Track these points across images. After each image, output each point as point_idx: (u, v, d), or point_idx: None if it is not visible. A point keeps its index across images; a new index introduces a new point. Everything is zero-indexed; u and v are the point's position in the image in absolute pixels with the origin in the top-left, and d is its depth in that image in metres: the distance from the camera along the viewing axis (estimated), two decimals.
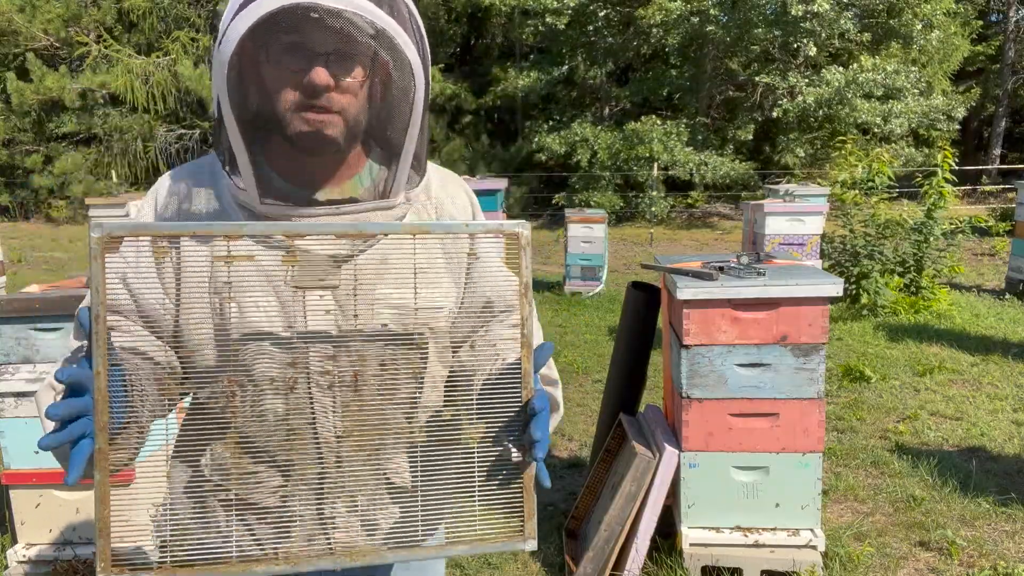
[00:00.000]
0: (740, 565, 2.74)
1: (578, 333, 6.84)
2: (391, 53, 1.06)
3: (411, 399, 1.13)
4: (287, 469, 1.10)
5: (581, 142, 15.66)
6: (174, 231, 0.96)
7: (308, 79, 1.04)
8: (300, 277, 1.09)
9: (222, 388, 1.06)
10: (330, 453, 1.10)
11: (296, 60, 1.05)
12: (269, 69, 1.07)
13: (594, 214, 8.46)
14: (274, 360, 1.08)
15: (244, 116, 1.06)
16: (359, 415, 1.08)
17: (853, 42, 15.65)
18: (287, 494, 1.10)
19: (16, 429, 2.79)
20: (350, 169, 1.17)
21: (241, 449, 1.09)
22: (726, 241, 13.51)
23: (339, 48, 1.05)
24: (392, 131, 1.12)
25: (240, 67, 1.05)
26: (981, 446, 4.06)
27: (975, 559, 2.98)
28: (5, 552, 2.96)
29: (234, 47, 1.02)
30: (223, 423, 1.06)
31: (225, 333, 1.08)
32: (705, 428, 2.74)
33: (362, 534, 1.12)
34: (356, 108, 1.09)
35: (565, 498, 3.60)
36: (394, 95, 1.11)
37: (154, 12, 16.49)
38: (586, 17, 16.46)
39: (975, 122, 20.97)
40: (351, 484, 1.10)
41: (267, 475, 1.10)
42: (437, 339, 1.19)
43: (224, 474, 1.10)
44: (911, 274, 7.25)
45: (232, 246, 1.01)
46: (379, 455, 1.10)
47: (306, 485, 1.10)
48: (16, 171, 17.46)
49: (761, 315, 2.68)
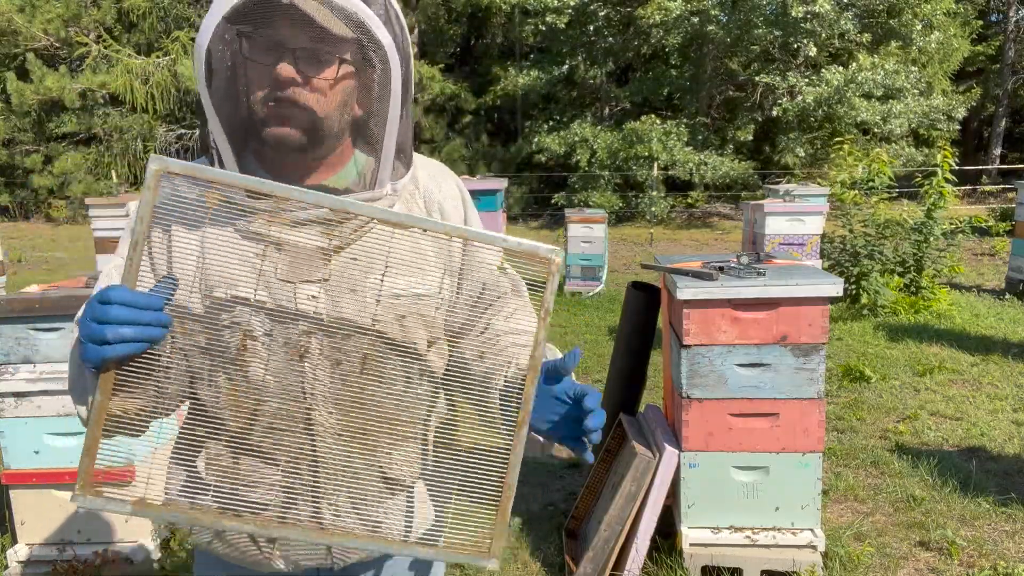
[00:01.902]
0: (740, 565, 2.74)
1: (578, 333, 6.83)
2: (365, 46, 1.05)
3: (405, 387, 1.13)
4: (276, 440, 1.09)
5: (581, 142, 15.66)
6: (228, 180, 0.96)
7: (273, 75, 1.04)
8: (289, 271, 1.09)
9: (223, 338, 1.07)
10: (320, 431, 1.10)
11: (264, 55, 1.04)
12: (240, 63, 1.06)
13: (594, 214, 8.46)
14: (265, 327, 1.09)
15: (221, 111, 1.06)
16: (349, 396, 1.08)
17: (853, 42, 15.64)
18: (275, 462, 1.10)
19: (16, 429, 2.79)
20: (338, 162, 1.17)
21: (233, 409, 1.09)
22: (726, 241, 13.51)
23: (308, 43, 1.04)
24: (373, 124, 1.12)
25: (211, 60, 1.05)
26: (981, 446, 4.06)
27: (975, 559, 2.98)
28: (5, 552, 2.96)
29: (207, 39, 1.02)
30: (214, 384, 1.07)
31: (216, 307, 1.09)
32: (705, 428, 2.74)
33: (331, 514, 1.12)
34: (325, 104, 1.07)
35: (565, 498, 3.60)
36: (371, 88, 1.10)
37: (154, 12, 16.49)
38: (586, 17, 16.46)
39: (975, 122, 20.97)
40: (337, 464, 1.10)
41: (258, 438, 1.09)
42: (431, 329, 1.19)
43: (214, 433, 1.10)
44: (911, 274, 7.25)
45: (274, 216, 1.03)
46: (367, 441, 1.10)
47: (294, 459, 1.10)
48: (16, 171, 17.46)
49: (761, 315, 2.68)
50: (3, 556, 2.97)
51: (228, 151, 1.07)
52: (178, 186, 1.03)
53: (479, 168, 16.54)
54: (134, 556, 2.88)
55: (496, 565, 1.02)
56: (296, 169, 1.13)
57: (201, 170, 0.95)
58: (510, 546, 3.19)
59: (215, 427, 1.09)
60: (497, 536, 1.02)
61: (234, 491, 1.06)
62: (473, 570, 3.00)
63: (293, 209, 1.07)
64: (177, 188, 1.04)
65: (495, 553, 1.02)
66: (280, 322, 1.08)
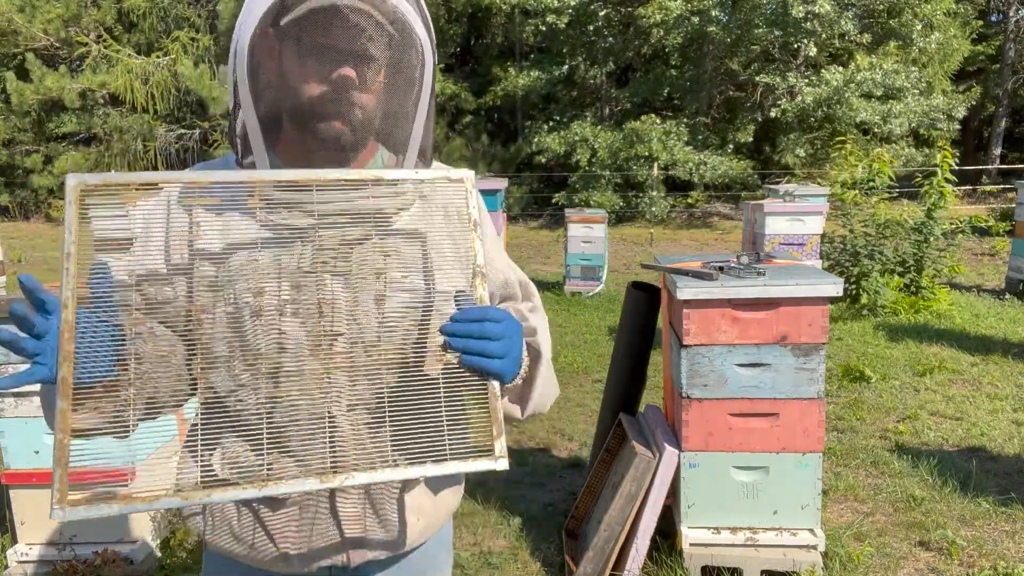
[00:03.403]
0: (740, 565, 2.74)
1: (578, 333, 6.84)
2: (410, 47, 1.10)
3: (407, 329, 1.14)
4: (282, 381, 1.07)
5: (581, 142, 15.65)
6: (149, 179, 1.02)
7: (333, 77, 1.07)
8: (312, 262, 1.11)
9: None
10: (329, 367, 1.08)
11: (322, 57, 1.07)
12: (293, 60, 1.08)
13: (594, 214, 8.46)
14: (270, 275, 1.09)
15: (262, 102, 1.08)
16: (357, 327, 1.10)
17: (853, 42, 15.64)
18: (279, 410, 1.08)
19: (16, 429, 2.79)
20: (363, 158, 1.19)
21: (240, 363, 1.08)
22: (726, 241, 13.51)
23: (365, 48, 1.07)
24: (403, 121, 1.15)
25: (254, 56, 1.07)
26: (981, 446, 4.06)
27: (975, 559, 2.98)
28: (5, 552, 2.96)
29: (254, 28, 1.04)
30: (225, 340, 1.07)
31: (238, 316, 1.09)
32: (705, 428, 2.74)
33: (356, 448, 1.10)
34: (374, 104, 1.11)
35: (565, 498, 3.60)
36: (409, 88, 1.13)
37: (154, 12, 16.48)
38: (586, 17, 16.45)
39: (975, 122, 20.95)
40: (346, 399, 1.09)
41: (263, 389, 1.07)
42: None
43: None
44: (911, 274, 7.25)
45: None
46: (377, 381, 1.09)
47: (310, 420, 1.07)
48: (16, 171, 17.46)
49: (761, 315, 2.68)
50: (3, 556, 2.98)
51: (260, 141, 1.08)
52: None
53: (479, 168, 16.52)
54: (134, 556, 2.88)
55: (505, 464, 1.03)
56: (328, 166, 1.14)
57: (115, 178, 1.00)
58: (510, 545, 3.19)
59: (230, 417, 1.07)
60: (497, 437, 1.03)
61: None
62: (473, 569, 3.00)
63: (314, 201, 1.08)
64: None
65: (501, 453, 1.03)
66: (296, 287, 1.08)
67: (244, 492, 0.96)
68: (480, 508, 3.51)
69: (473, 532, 3.31)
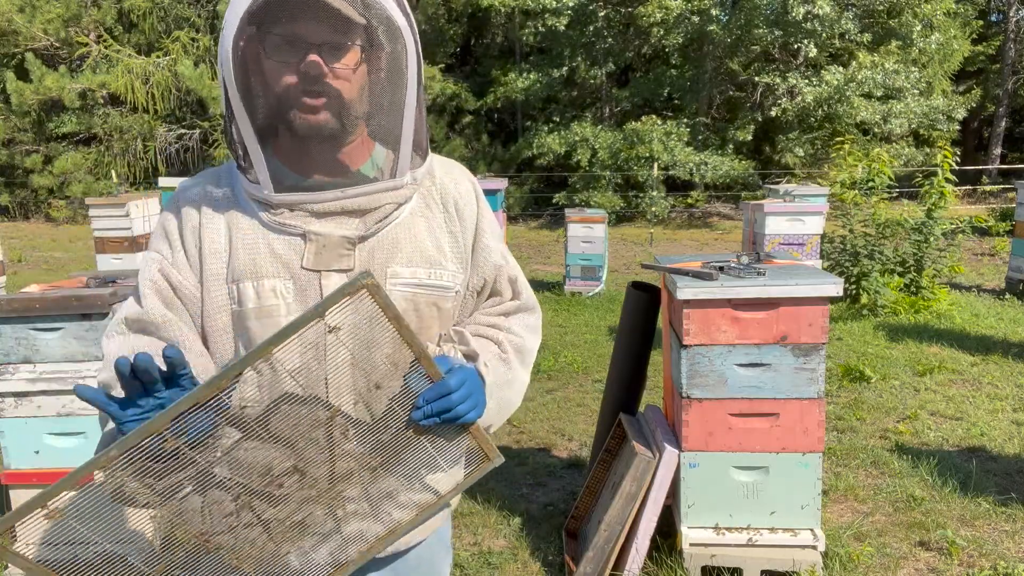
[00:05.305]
0: (740, 565, 2.74)
1: (578, 333, 6.84)
2: (384, 31, 1.09)
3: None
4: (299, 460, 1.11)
5: (581, 142, 15.65)
6: (55, 489, 0.95)
7: (302, 67, 1.07)
8: (315, 261, 1.13)
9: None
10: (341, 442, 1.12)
11: (290, 49, 1.08)
12: (265, 58, 1.09)
13: (594, 214, 8.46)
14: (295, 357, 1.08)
15: (248, 106, 1.09)
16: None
17: (853, 42, 15.64)
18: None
19: (16, 429, 2.79)
20: (359, 155, 1.19)
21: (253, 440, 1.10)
22: (726, 241, 13.51)
23: (331, 35, 1.07)
24: (391, 111, 1.15)
25: (238, 56, 1.08)
26: (981, 446, 4.06)
27: (975, 559, 2.98)
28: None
29: (232, 35, 1.05)
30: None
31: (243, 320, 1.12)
32: (705, 428, 2.74)
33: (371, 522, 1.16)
34: (350, 91, 1.11)
35: (565, 498, 3.60)
36: (391, 75, 1.13)
37: (154, 12, 16.49)
38: (586, 17, 16.44)
39: (975, 122, 20.96)
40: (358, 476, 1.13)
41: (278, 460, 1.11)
42: (443, 322, 1.24)
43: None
44: (911, 274, 7.25)
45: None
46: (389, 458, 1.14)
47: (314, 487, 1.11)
48: (16, 171, 17.45)
49: (761, 315, 2.68)
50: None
51: (255, 144, 1.09)
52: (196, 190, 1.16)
53: (479, 168, 16.53)
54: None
55: (501, 458, 1.18)
56: (324, 164, 1.15)
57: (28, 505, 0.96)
58: (510, 545, 3.19)
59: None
60: (485, 445, 1.17)
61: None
62: (473, 569, 3.00)
63: (318, 201, 1.12)
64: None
65: (496, 454, 1.18)
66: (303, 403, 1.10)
67: None
68: (480, 508, 3.51)
69: (473, 532, 3.31)
